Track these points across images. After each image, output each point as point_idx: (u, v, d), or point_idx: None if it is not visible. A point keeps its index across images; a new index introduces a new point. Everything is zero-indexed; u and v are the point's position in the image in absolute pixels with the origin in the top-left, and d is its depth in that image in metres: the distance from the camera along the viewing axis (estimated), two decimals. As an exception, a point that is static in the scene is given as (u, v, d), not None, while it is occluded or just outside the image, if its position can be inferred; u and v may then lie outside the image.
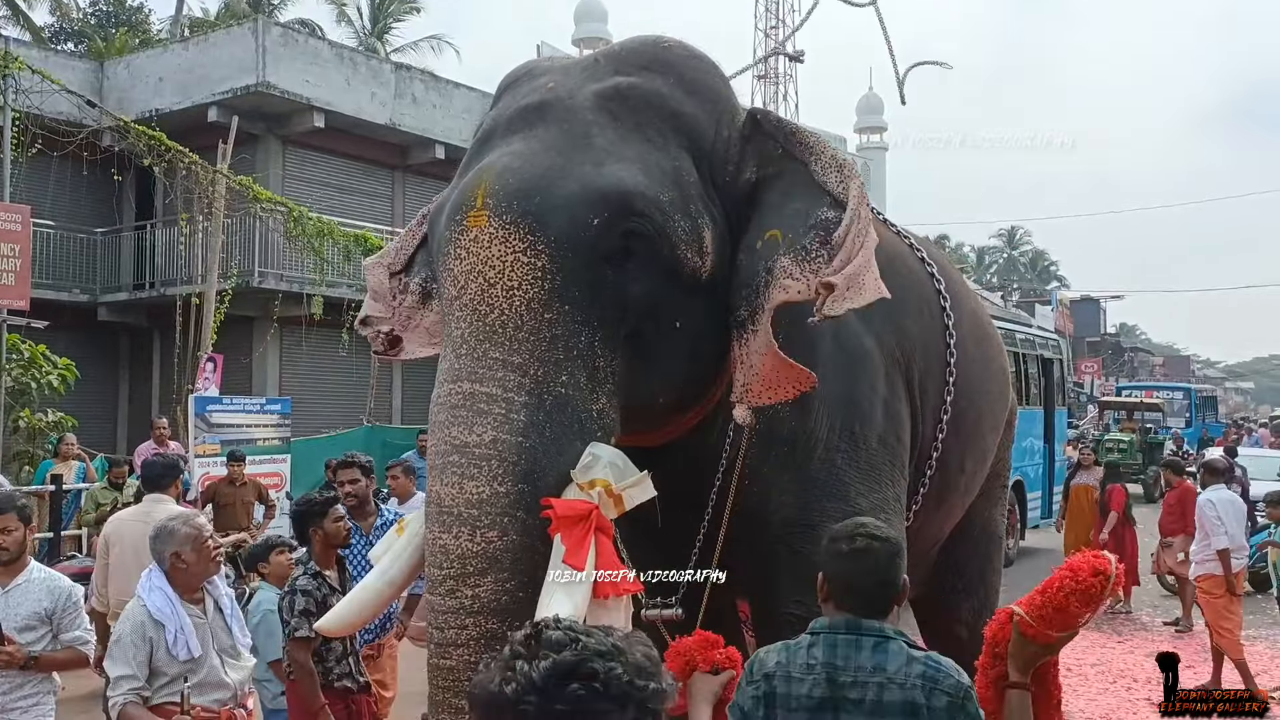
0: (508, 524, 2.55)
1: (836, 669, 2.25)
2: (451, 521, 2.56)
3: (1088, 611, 2.35)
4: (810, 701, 2.24)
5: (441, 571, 2.56)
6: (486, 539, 2.53)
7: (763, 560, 3.34)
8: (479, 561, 2.52)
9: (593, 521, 2.57)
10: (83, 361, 13.31)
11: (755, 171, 3.09)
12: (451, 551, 2.54)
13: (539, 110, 3.02)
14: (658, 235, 2.81)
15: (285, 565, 4.79)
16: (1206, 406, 32.34)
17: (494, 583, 2.52)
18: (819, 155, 3.04)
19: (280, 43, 16.12)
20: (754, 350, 2.88)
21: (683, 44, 3.26)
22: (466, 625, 2.51)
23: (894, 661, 2.24)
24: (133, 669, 3.51)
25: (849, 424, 3.40)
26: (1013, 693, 2.36)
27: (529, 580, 2.55)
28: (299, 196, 15.64)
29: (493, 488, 2.55)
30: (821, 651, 2.29)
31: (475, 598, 2.51)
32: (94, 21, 26.02)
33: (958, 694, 2.21)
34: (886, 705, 2.20)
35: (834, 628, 2.32)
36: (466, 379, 2.65)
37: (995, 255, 64.37)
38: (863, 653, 2.25)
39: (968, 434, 4.22)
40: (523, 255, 2.70)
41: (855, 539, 2.36)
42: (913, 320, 3.81)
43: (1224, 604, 7.67)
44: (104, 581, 5.55)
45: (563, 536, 2.55)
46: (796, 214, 2.96)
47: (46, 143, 13.00)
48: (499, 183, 2.78)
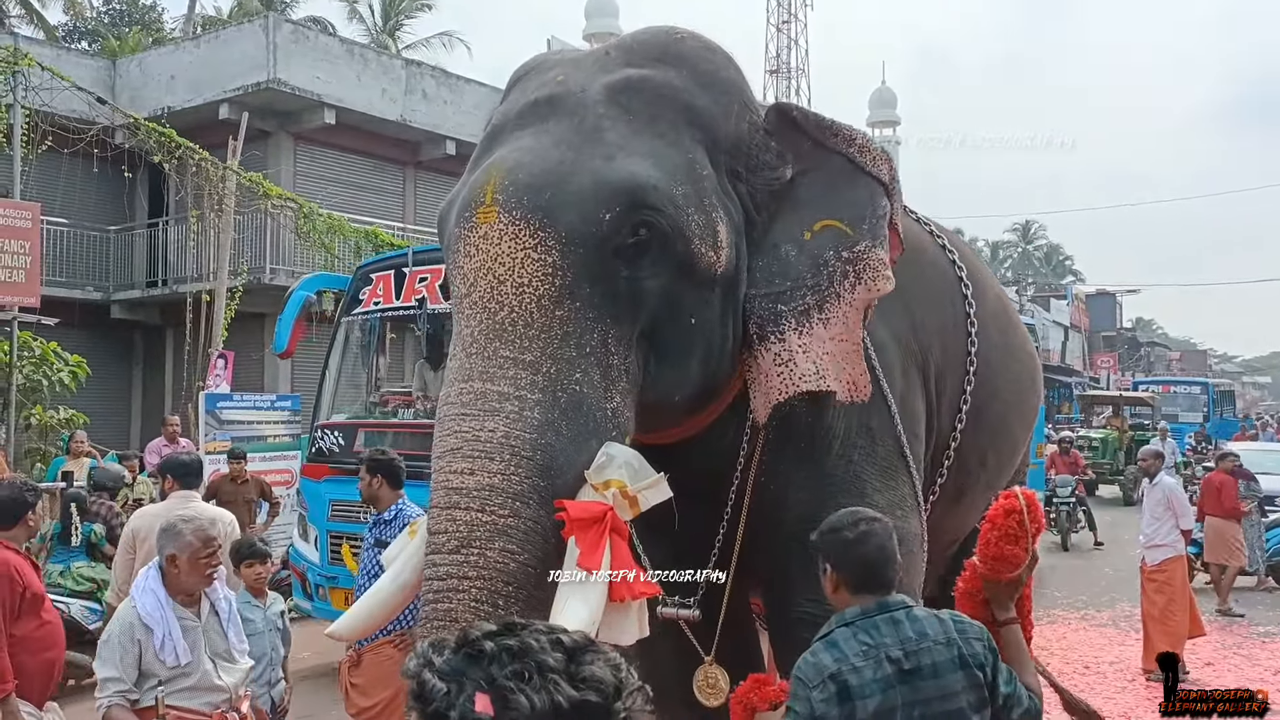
0: (520, 507, 2.49)
1: (887, 646, 2.34)
2: (460, 497, 2.48)
3: (1018, 548, 2.64)
4: (879, 684, 2.31)
5: (446, 535, 2.47)
6: (498, 515, 2.46)
7: (778, 558, 3.31)
8: (487, 530, 2.45)
9: (607, 523, 2.52)
10: (96, 359, 13.32)
11: (786, 166, 3.05)
12: (459, 520, 2.46)
13: (549, 104, 2.97)
14: (671, 230, 2.77)
15: (252, 579, 4.68)
16: (1224, 401, 32.04)
17: (502, 549, 2.45)
18: (857, 143, 3.06)
19: (291, 39, 16.10)
20: (823, 339, 2.94)
21: (696, 35, 3.21)
22: (470, 576, 2.42)
23: (930, 626, 2.38)
24: (119, 671, 3.46)
25: (866, 420, 3.36)
26: (1006, 629, 2.60)
27: (540, 560, 2.48)
28: (310, 193, 15.61)
29: (505, 475, 2.50)
30: (868, 636, 2.36)
31: (482, 556, 2.43)
32: (107, 20, 26.09)
33: (984, 635, 2.43)
34: (941, 666, 2.33)
35: (866, 612, 2.40)
36: (477, 378, 2.61)
37: (1010, 250, 64.07)
38: (901, 626, 2.37)
39: (990, 427, 4.14)
40: (533, 251, 2.65)
41: (858, 524, 2.47)
42: (931, 311, 3.75)
43: (1180, 590, 7.72)
44: (127, 577, 5.51)
45: (577, 539, 2.50)
46: (855, 204, 3.00)
47: (57, 140, 13.00)
48: (509, 178, 2.74)
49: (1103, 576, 11.65)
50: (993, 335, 4.13)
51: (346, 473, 7.31)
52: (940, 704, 2.31)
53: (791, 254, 3.00)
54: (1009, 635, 2.60)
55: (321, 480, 7.59)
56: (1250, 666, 7.83)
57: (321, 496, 7.46)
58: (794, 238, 3.01)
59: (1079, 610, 9.80)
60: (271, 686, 4.45)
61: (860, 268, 2.95)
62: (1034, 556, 2.66)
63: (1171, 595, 7.69)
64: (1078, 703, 3.36)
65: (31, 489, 4.53)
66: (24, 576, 4.22)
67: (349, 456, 7.42)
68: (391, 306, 7.73)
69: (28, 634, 4.17)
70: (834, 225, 2.98)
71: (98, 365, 13.39)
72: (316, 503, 7.51)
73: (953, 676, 2.33)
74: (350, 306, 8.04)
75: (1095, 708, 3.25)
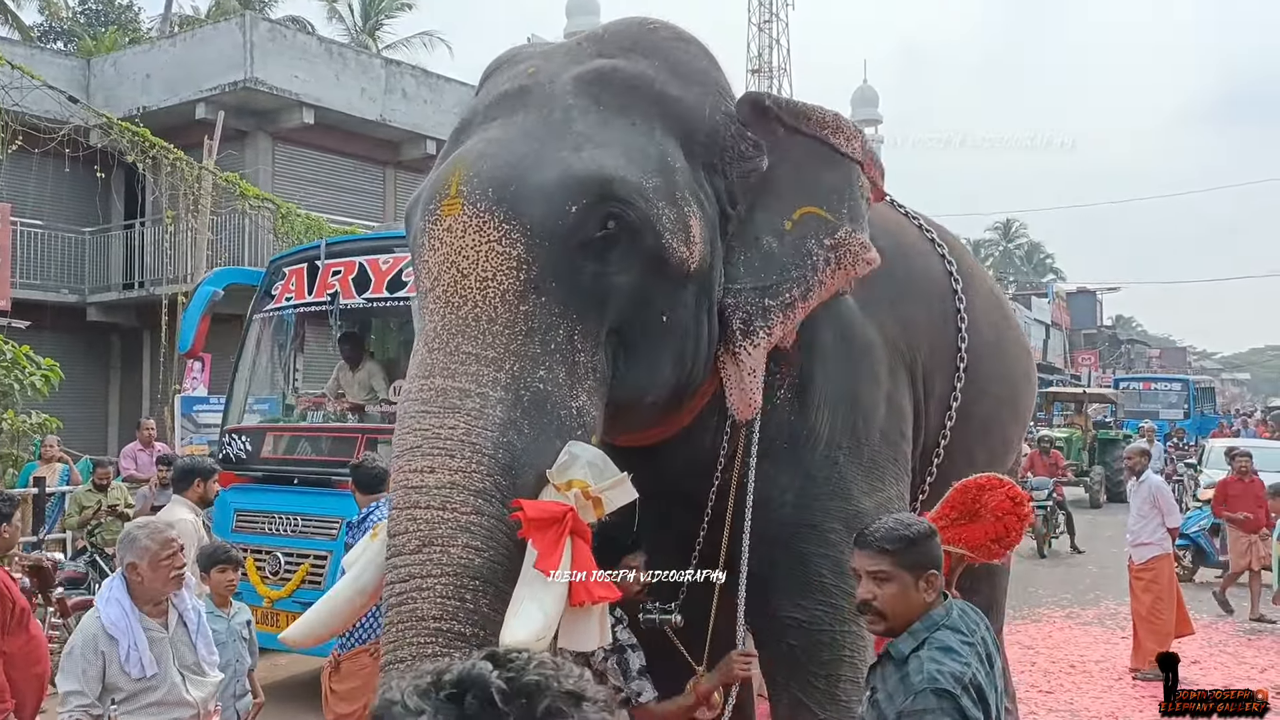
0: (482, 504, 2.42)
1: (974, 643, 2.41)
2: (420, 497, 2.41)
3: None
4: (988, 679, 2.39)
5: (407, 535, 2.40)
6: (459, 512, 2.39)
7: (763, 562, 3.22)
8: (449, 528, 2.38)
9: (567, 524, 2.44)
10: (71, 362, 13.15)
11: (762, 156, 3.00)
12: (420, 519, 2.39)
13: (519, 96, 2.91)
14: (640, 223, 2.69)
15: (224, 585, 4.48)
16: (1204, 398, 32.21)
17: (465, 545, 2.38)
18: (829, 125, 3.04)
19: (268, 38, 15.95)
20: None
21: (669, 25, 3.15)
22: (433, 574, 2.35)
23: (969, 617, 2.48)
24: (81, 685, 3.34)
25: (851, 420, 3.29)
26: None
27: (504, 556, 2.41)
28: (289, 193, 15.48)
29: (466, 472, 2.43)
30: (962, 634, 2.42)
31: (445, 553, 2.36)
32: (83, 21, 25.85)
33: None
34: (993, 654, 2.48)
35: (949, 610, 2.47)
36: (439, 374, 2.53)
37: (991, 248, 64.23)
38: (967, 618, 2.47)
39: (980, 425, 4.06)
40: (497, 245, 2.58)
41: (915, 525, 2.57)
42: (919, 307, 3.68)
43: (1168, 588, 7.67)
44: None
45: (534, 540, 2.42)
46: (832, 187, 2.99)
47: (28, 139, 12.83)
48: (473, 170, 2.67)
49: (1087, 575, 11.63)
50: (984, 332, 4.05)
51: (253, 480, 7.04)
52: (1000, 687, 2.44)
53: (774, 246, 2.96)
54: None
55: (228, 489, 6.91)
56: (1237, 664, 7.80)
57: (227, 506, 6.83)
58: (775, 229, 2.97)
59: (1064, 609, 9.76)
60: (237, 699, 4.33)
61: (842, 253, 2.95)
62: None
63: (1159, 594, 7.67)
64: None
65: (8, 499, 4.44)
66: (11, 591, 4.14)
67: (256, 463, 7.11)
68: (304, 302, 7.25)
69: (15, 650, 4.09)
70: (814, 212, 2.96)
71: (73, 368, 13.22)
72: (222, 512, 6.82)
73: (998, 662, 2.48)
74: (263, 302, 7.58)
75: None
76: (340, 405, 7.35)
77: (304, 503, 6.68)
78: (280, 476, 6.99)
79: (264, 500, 6.84)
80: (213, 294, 8.17)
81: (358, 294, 6.92)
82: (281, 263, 7.62)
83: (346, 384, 7.53)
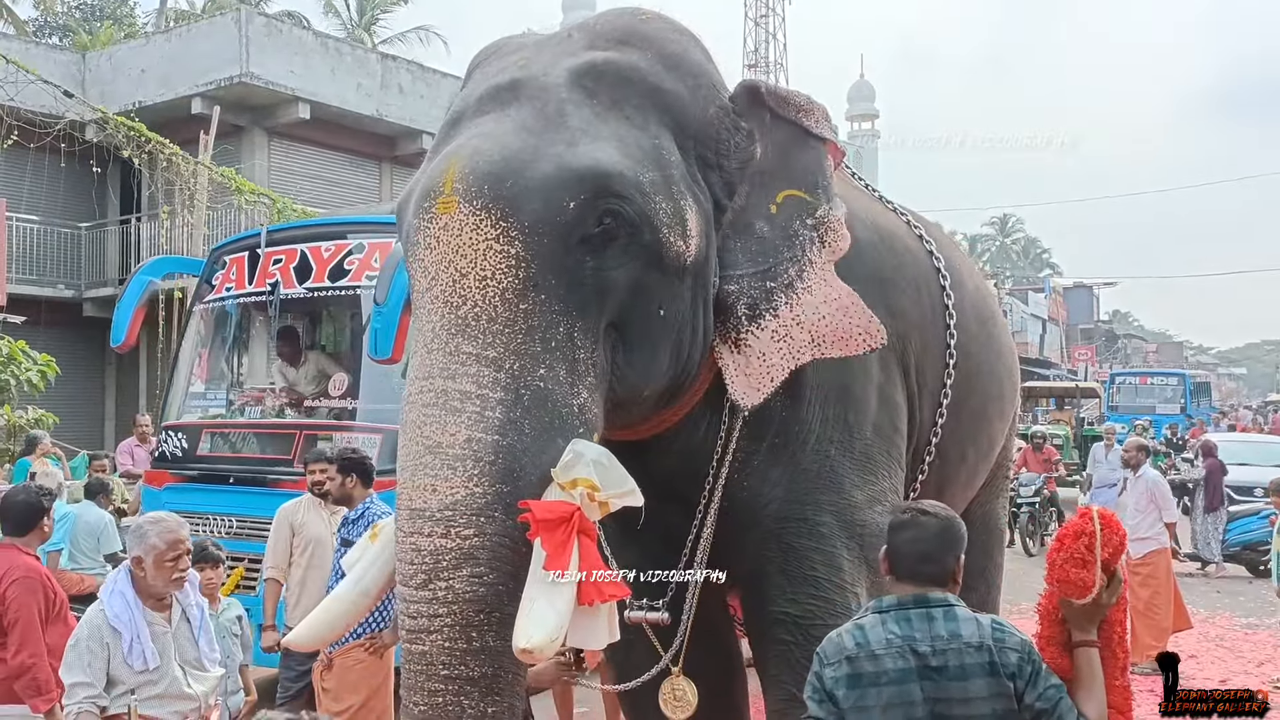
0: (484, 524, 2.42)
1: (916, 640, 2.34)
2: (424, 522, 2.44)
3: (1086, 573, 2.48)
4: (896, 674, 2.32)
5: (413, 568, 2.44)
6: (462, 536, 2.41)
7: (754, 557, 3.22)
8: (453, 557, 2.40)
9: (575, 524, 2.43)
10: (68, 358, 13.14)
11: (755, 144, 3.01)
12: (424, 549, 2.42)
13: (510, 89, 2.87)
14: (638, 218, 2.68)
15: (202, 584, 4.39)
16: (1200, 392, 32.26)
17: (470, 576, 2.40)
18: (803, 108, 3.06)
19: (264, 33, 15.92)
20: (813, 305, 2.94)
21: (662, 16, 3.12)
22: (440, 614, 2.40)
23: (966, 628, 2.36)
24: (88, 676, 3.36)
25: (842, 413, 3.27)
26: (1079, 651, 2.50)
27: (509, 575, 2.43)
28: (285, 188, 15.47)
29: (468, 489, 2.42)
30: (897, 626, 2.37)
31: (450, 589, 2.40)
32: (79, 15, 25.80)
33: (1024, 649, 2.38)
34: (969, 669, 2.32)
35: (903, 604, 2.41)
36: (439, 375, 2.52)
37: (988, 243, 64.29)
38: (935, 623, 2.37)
39: (970, 420, 4.05)
40: (495, 243, 2.55)
41: (905, 512, 2.51)
42: (909, 300, 3.66)
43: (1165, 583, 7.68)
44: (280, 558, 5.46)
45: (543, 540, 2.41)
46: (808, 169, 3.02)
47: (24, 134, 12.80)
48: (469, 166, 2.63)
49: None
50: (972, 326, 4.05)
51: (187, 480, 6.80)
52: (962, 707, 2.32)
53: (765, 230, 2.97)
54: (1081, 658, 2.50)
55: (163, 488, 6.87)
56: (1234, 659, 7.82)
57: (163, 506, 6.40)
58: (764, 213, 2.98)
59: (1060, 603, 9.74)
60: (228, 696, 4.33)
61: (824, 231, 2.97)
62: (1117, 580, 2.53)
63: (1156, 589, 7.68)
64: None
65: (47, 493, 4.45)
66: (52, 583, 4.19)
67: (191, 461, 6.85)
68: (244, 292, 6.96)
69: (54, 642, 4.09)
70: (795, 194, 2.98)
71: (70, 364, 13.21)
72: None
73: (979, 681, 2.32)
74: (203, 293, 7.30)
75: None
76: (278, 400, 7.10)
77: (240, 502, 6.48)
78: (216, 475, 6.73)
79: (199, 500, 6.59)
80: (148, 284, 7.68)
81: (299, 283, 6.69)
82: (222, 251, 7.36)
83: (292, 381, 7.25)
